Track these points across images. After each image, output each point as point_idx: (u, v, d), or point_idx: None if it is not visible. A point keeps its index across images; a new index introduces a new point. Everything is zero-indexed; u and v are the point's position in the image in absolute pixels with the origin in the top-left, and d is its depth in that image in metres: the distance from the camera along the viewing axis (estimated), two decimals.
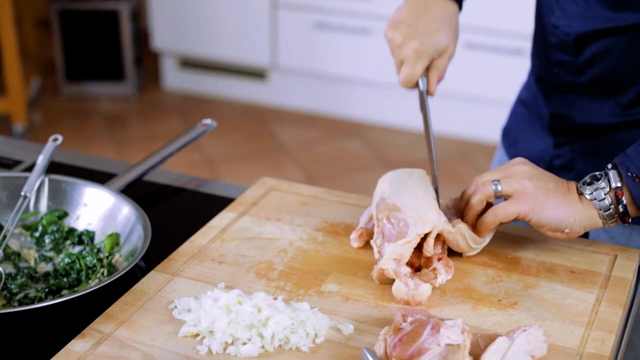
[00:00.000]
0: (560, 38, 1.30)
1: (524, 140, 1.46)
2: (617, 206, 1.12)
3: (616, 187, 1.12)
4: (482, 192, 1.14)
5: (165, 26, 4.11)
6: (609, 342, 1.00)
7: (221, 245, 1.20)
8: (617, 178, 1.12)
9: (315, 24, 3.79)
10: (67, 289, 1.14)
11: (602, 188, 1.12)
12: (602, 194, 1.12)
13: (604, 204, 1.12)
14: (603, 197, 1.12)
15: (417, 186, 1.18)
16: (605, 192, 1.12)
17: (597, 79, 1.30)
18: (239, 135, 3.84)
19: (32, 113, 4.00)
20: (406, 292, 1.07)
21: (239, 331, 0.99)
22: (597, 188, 1.12)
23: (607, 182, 1.12)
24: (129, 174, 1.33)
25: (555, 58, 1.32)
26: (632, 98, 1.28)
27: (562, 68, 1.32)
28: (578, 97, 1.33)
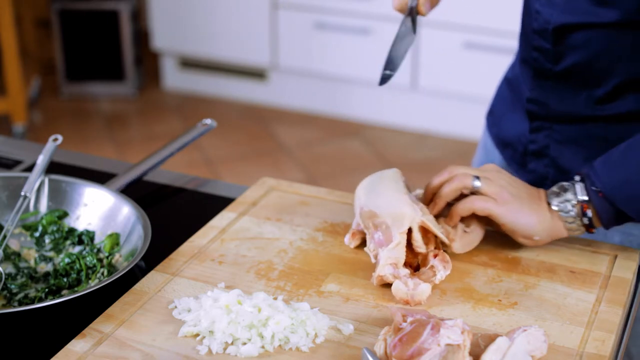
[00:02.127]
0: (541, 25, 1.32)
1: (506, 121, 1.48)
2: (582, 218, 1.15)
3: (582, 200, 1.15)
4: (460, 182, 1.15)
5: (165, 26, 4.11)
6: (609, 342, 1.00)
7: (221, 245, 1.20)
8: (584, 191, 1.15)
9: (315, 24, 3.79)
10: (67, 289, 1.14)
11: (569, 200, 1.15)
12: (569, 206, 1.15)
13: (569, 216, 1.15)
14: (569, 209, 1.15)
15: (387, 186, 1.18)
16: (572, 204, 1.15)
17: (573, 70, 1.31)
18: (239, 135, 3.84)
19: (32, 113, 4.00)
20: (405, 292, 1.07)
21: (239, 331, 0.99)
22: (564, 200, 1.15)
23: (573, 194, 1.15)
24: (129, 174, 1.33)
25: (536, 43, 1.34)
26: (605, 93, 1.29)
27: (541, 54, 1.34)
28: (554, 84, 1.34)
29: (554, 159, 1.37)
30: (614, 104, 1.30)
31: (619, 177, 1.14)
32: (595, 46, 1.27)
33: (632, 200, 1.14)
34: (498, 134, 1.49)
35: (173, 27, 4.10)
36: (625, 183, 1.13)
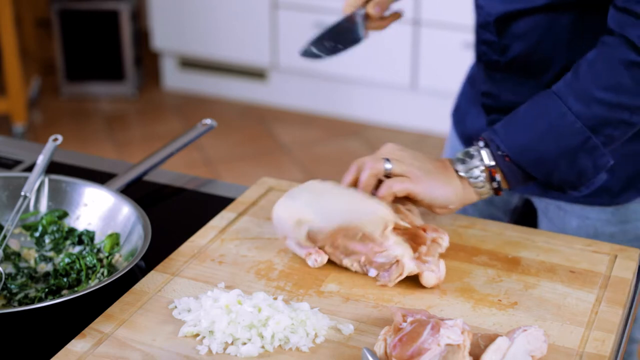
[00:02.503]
0: (485, 18, 1.35)
1: (469, 117, 1.51)
2: (490, 182, 1.18)
3: (489, 165, 1.17)
4: (373, 168, 1.16)
5: (165, 26, 4.11)
6: (609, 342, 1.00)
7: (221, 245, 1.20)
8: (490, 157, 1.17)
9: (315, 24, 3.79)
10: (67, 289, 1.14)
11: (477, 167, 1.17)
12: (477, 172, 1.17)
13: (479, 182, 1.18)
14: (478, 175, 1.18)
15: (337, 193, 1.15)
16: (480, 170, 1.17)
17: (519, 59, 1.34)
18: (239, 135, 3.84)
19: (32, 113, 4.00)
20: (436, 276, 1.09)
21: (239, 331, 0.99)
22: (471, 167, 1.18)
23: (480, 160, 1.18)
24: (129, 174, 1.33)
25: (482, 37, 1.37)
26: (552, 79, 1.30)
27: (489, 47, 1.37)
28: (504, 76, 1.37)
29: None
30: None
31: (523, 141, 1.17)
32: (536, 33, 1.30)
33: (538, 163, 1.17)
34: (463, 131, 1.53)
35: (173, 27, 4.10)
36: (529, 147, 1.16)
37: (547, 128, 1.16)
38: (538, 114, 1.17)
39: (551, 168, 1.17)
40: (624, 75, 1.14)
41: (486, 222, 1.26)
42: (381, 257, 1.10)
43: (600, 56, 1.17)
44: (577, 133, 1.15)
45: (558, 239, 1.21)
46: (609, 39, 1.17)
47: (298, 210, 1.14)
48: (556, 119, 1.16)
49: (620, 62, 1.15)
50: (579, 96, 1.16)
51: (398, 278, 1.10)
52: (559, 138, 1.16)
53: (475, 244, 1.20)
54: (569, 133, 1.16)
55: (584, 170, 1.18)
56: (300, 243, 1.15)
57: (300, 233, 1.14)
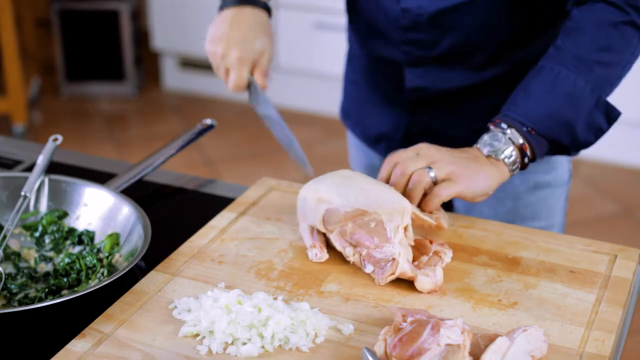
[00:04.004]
0: (413, 19, 1.38)
1: (368, 117, 1.57)
2: (522, 159, 1.25)
3: (520, 144, 1.24)
4: (421, 182, 1.19)
5: (165, 26, 4.11)
6: (609, 342, 1.00)
7: (221, 245, 1.20)
8: (518, 135, 1.24)
9: (315, 24, 3.79)
10: (67, 289, 1.14)
11: (508, 147, 1.24)
12: (509, 152, 1.24)
13: (512, 160, 1.24)
14: (510, 154, 1.24)
15: (364, 181, 1.18)
16: (511, 150, 1.24)
17: (449, 51, 1.39)
18: (239, 135, 3.84)
19: (32, 113, 4.00)
20: (431, 282, 1.09)
21: (239, 331, 0.99)
22: (503, 149, 1.24)
23: (509, 141, 1.24)
24: (129, 174, 1.33)
25: (407, 38, 1.40)
26: (483, 60, 1.39)
27: (414, 46, 1.41)
28: (432, 68, 1.42)
29: (439, 131, 1.47)
30: (491, 66, 1.39)
31: (545, 113, 1.24)
32: (466, 24, 1.35)
33: (562, 130, 1.25)
34: (364, 132, 1.59)
35: (173, 27, 4.10)
36: (552, 117, 1.24)
37: (563, 97, 1.24)
38: (551, 87, 1.24)
39: (574, 131, 1.25)
40: (613, 35, 1.24)
41: (486, 222, 1.26)
42: (380, 252, 1.10)
43: (587, 22, 1.25)
44: (589, 95, 1.24)
45: (558, 239, 1.21)
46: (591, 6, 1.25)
47: (321, 190, 1.18)
48: (569, 87, 1.24)
49: (607, 24, 1.24)
50: (581, 62, 1.24)
51: (390, 277, 1.10)
52: (576, 104, 1.24)
53: (475, 244, 1.20)
54: (582, 97, 1.24)
55: (600, 126, 1.27)
56: (315, 226, 1.17)
57: (317, 213, 1.16)
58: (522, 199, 1.51)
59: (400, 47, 1.42)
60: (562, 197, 1.56)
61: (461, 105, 1.45)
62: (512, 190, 1.50)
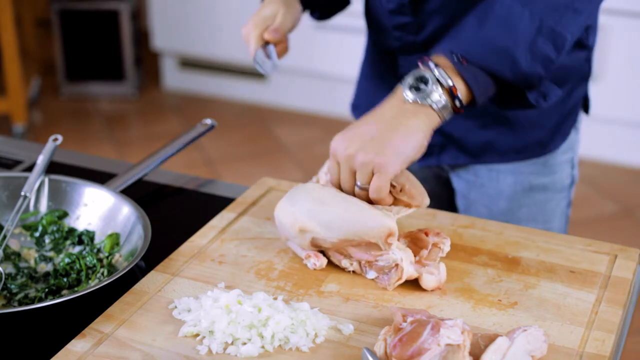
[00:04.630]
0: (397, 2, 1.39)
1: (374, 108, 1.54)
2: (453, 102, 1.13)
3: (450, 86, 1.12)
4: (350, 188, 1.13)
5: (165, 26, 4.11)
6: (609, 342, 1.00)
7: (221, 245, 1.20)
8: (446, 76, 1.13)
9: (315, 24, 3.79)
10: (67, 289, 1.14)
11: (435, 90, 1.12)
12: (437, 96, 1.12)
13: (441, 105, 1.13)
14: (438, 99, 1.12)
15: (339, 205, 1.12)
16: (439, 93, 1.12)
17: (436, 35, 1.38)
18: (239, 135, 3.84)
19: (32, 113, 4.00)
20: (436, 279, 1.09)
21: (239, 331, 0.99)
22: (429, 92, 1.12)
23: (436, 82, 1.13)
24: (129, 174, 1.33)
25: (395, 22, 1.41)
26: None
27: (403, 30, 1.41)
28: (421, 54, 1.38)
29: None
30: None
31: (477, 38, 1.14)
32: (450, 8, 1.34)
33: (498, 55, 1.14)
34: None
35: (173, 27, 4.10)
36: (484, 41, 1.14)
37: (496, 22, 1.15)
38: (482, 15, 1.16)
39: (514, 59, 1.14)
40: None
41: (486, 222, 1.26)
42: (382, 260, 1.10)
43: None
44: (528, 20, 1.14)
45: (558, 239, 1.21)
46: None
47: (301, 219, 1.13)
48: (503, 12, 1.15)
49: None
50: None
51: (397, 282, 1.09)
52: (511, 27, 1.14)
53: (475, 244, 1.20)
54: (519, 21, 1.14)
55: (547, 55, 1.16)
56: (303, 246, 1.15)
57: (304, 240, 1.14)
58: (517, 200, 1.50)
59: (392, 33, 1.43)
60: (563, 203, 1.54)
61: None
62: (506, 189, 1.50)
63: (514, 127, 1.45)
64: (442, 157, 1.50)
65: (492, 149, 1.47)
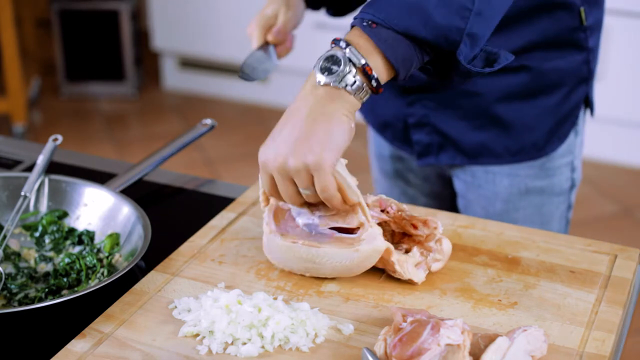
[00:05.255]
0: None
1: (379, 105, 1.57)
2: (369, 82, 1.05)
3: (362, 64, 1.04)
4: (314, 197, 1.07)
5: (165, 26, 4.11)
6: (609, 342, 1.00)
7: (221, 245, 1.20)
8: (358, 54, 1.04)
9: (315, 24, 3.79)
10: (67, 289, 1.14)
11: (349, 72, 1.04)
12: (351, 78, 1.04)
13: (356, 86, 1.04)
14: (353, 80, 1.04)
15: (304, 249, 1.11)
16: (353, 74, 1.04)
17: None
18: (239, 135, 3.84)
19: (32, 113, 4.00)
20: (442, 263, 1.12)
21: (239, 331, 0.99)
22: (343, 75, 1.04)
23: (348, 62, 1.04)
24: (129, 174, 1.33)
25: None
26: None
27: None
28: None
29: (435, 125, 1.47)
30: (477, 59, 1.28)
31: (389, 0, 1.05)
32: None
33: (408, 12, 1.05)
34: (375, 119, 1.61)
35: (173, 27, 4.10)
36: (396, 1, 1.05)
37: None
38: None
39: (426, 13, 1.04)
40: None
41: (486, 222, 1.26)
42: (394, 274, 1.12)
43: None
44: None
45: (558, 239, 1.21)
46: None
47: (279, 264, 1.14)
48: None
49: None
50: None
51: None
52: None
53: (475, 244, 1.20)
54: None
55: (462, 4, 1.05)
56: None
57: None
58: (513, 202, 1.50)
59: None
60: (562, 207, 1.53)
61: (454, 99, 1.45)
62: (502, 191, 1.50)
63: (509, 129, 1.45)
64: (440, 157, 1.50)
65: (487, 151, 1.47)
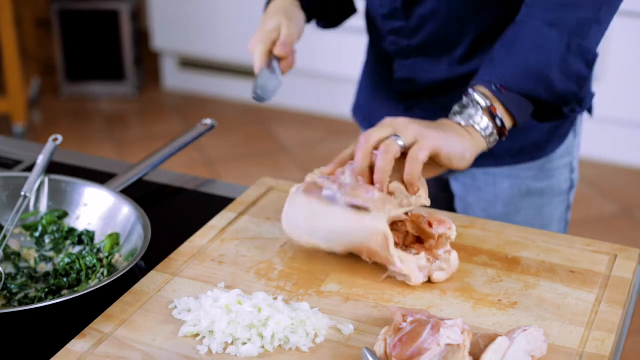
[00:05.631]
0: (390, 7, 1.40)
1: (376, 110, 1.56)
2: (494, 122, 1.18)
3: (488, 105, 1.18)
4: (390, 152, 1.11)
5: (165, 26, 4.11)
6: (609, 342, 1.00)
7: (221, 245, 1.20)
8: (484, 97, 1.18)
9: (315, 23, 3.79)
10: (67, 289, 1.14)
11: (476, 112, 1.18)
12: (478, 118, 1.18)
13: (483, 125, 1.18)
14: (479, 120, 1.18)
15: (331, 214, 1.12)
16: (480, 115, 1.18)
17: (430, 40, 1.40)
18: (239, 135, 3.84)
19: (32, 113, 4.00)
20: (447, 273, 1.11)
21: (239, 331, 0.99)
22: (471, 114, 1.18)
23: (476, 104, 1.18)
24: (129, 174, 1.33)
25: (389, 27, 1.43)
26: (465, 52, 1.39)
27: (397, 35, 1.42)
28: (416, 59, 1.43)
29: None
30: (474, 61, 1.38)
31: (510, 64, 1.18)
32: (443, 11, 1.36)
33: (534, 79, 1.18)
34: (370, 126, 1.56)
35: (173, 27, 4.10)
36: (518, 67, 1.18)
37: (527, 46, 1.18)
38: (512, 40, 1.20)
39: (549, 80, 1.18)
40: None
41: (486, 222, 1.26)
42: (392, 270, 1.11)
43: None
44: (557, 40, 1.18)
45: (558, 239, 1.21)
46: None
47: (304, 237, 1.14)
48: (532, 35, 1.18)
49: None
50: (544, 9, 1.19)
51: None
52: (542, 50, 1.18)
53: (475, 244, 1.20)
54: (550, 43, 1.18)
55: (579, 73, 1.19)
56: None
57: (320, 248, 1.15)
58: (514, 204, 1.50)
59: (387, 37, 1.44)
60: (561, 207, 1.53)
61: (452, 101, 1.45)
62: (503, 193, 1.50)
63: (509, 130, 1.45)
64: None
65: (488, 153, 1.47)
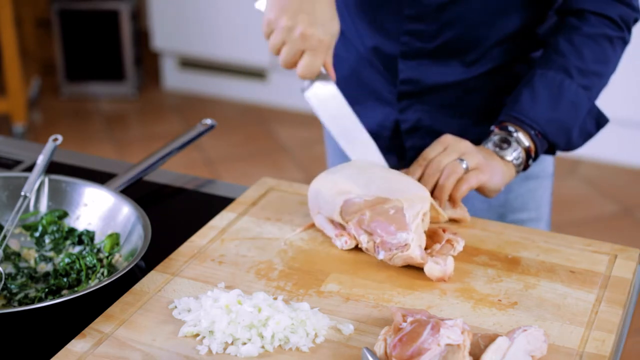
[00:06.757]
0: (419, 9, 1.38)
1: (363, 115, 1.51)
2: (527, 160, 1.34)
3: (527, 146, 1.33)
4: (455, 173, 1.25)
5: (165, 26, 4.11)
6: (609, 342, 1.00)
7: (221, 245, 1.20)
8: (527, 138, 1.33)
9: None
10: (67, 289, 1.14)
11: (517, 150, 1.33)
12: (517, 154, 1.33)
13: (519, 162, 1.33)
14: (519, 157, 1.33)
15: (381, 170, 1.21)
16: (519, 152, 1.33)
17: (447, 45, 1.41)
18: (239, 135, 3.84)
19: (32, 113, 4.00)
20: (440, 269, 1.11)
21: (239, 331, 0.99)
22: (514, 150, 1.32)
23: (516, 143, 1.33)
24: (129, 174, 1.33)
25: (408, 28, 1.41)
26: (474, 58, 1.42)
27: (414, 36, 1.41)
28: (424, 61, 1.43)
29: (429, 127, 1.48)
30: (482, 63, 1.42)
31: (553, 118, 1.33)
32: (468, 19, 1.38)
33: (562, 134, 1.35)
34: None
35: (173, 27, 4.10)
36: (558, 122, 1.34)
37: (568, 106, 1.33)
38: (557, 94, 1.33)
39: (570, 135, 1.36)
40: (609, 49, 1.36)
41: (486, 222, 1.26)
42: (395, 238, 1.12)
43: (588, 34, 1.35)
44: (586, 103, 1.35)
45: (558, 239, 1.21)
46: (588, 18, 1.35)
47: (339, 182, 1.19)
48: (573, 96, 1.33)
49: (605, 38, 1.35)
50: (582, 73, 1.34)
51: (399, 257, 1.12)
52: (577, 111, 1.34)
53: (475, 244, 1.20)
54: (582, 105, 1.34)
55: (590, 132, 1.38)
56: (332, 217, 1.18)
57: (335, 205, 1.18)
58: (514, 190, 1.53)
59: (400, 38, 1.42)
60: (549, 190, 1.59)
61: (450, 103, 1.46)
62: None
63: None
64: None
65: None
